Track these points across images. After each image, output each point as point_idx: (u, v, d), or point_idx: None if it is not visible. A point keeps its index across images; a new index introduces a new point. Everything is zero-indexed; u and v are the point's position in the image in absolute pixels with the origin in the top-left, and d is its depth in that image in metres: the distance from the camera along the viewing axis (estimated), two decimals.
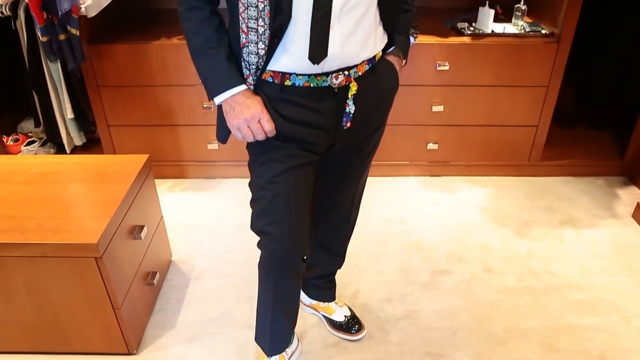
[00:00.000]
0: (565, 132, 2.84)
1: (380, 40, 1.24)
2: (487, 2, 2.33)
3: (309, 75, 1.14)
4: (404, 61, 1.36)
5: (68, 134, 2.62)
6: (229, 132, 1.26)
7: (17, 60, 2.54)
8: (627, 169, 2.64)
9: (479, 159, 2.60)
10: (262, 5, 1.05)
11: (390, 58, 1.31)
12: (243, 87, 1.17)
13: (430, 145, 2.54)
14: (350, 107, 1.21)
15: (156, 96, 2.40)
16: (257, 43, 1.10)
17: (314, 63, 1.11)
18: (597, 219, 2.35)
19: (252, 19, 1.07)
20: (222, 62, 1.16)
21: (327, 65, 1.13)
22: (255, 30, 1.09)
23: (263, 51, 1.10)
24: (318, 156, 1.28)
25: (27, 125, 2.86)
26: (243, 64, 1.15)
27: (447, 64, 2.30)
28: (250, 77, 1.16)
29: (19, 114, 2.90)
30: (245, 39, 1.10)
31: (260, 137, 1.19)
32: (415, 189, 2.57)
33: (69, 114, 2.52)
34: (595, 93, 2.79)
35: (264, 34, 1.08)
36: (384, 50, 1.29)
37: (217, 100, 1.19)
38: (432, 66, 2.30)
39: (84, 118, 2.62)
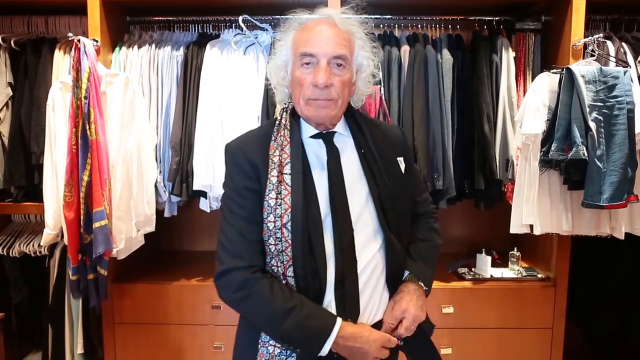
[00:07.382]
0: None
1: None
2: (484, 249, 2.55)
3: None
4: (426, 289, 1.32)
5: None
6: None
7: (40, 296, 2.66)
8: None
9: None
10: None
11: (408, 286, 1.29)
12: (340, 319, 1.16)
13: None
14: None
15: (168, 334, 2.44)
16: None
17: None
18: None
19: None
20: (313, 307, 1.15)
21: None
22: None
23: None
24: None
25: (32, 358, 2.83)
26: None
27: (451, 307, 2.39)
28: None
29: (26, 347, 2.90)
30: None
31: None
32: None
33: (79, 349, 2.52)
34: (601, 334, 2.78)
35: None
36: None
37: (327, 344, 1.12)
38: (437, 310, 2.38)
39: (92, 353, 2.61)
